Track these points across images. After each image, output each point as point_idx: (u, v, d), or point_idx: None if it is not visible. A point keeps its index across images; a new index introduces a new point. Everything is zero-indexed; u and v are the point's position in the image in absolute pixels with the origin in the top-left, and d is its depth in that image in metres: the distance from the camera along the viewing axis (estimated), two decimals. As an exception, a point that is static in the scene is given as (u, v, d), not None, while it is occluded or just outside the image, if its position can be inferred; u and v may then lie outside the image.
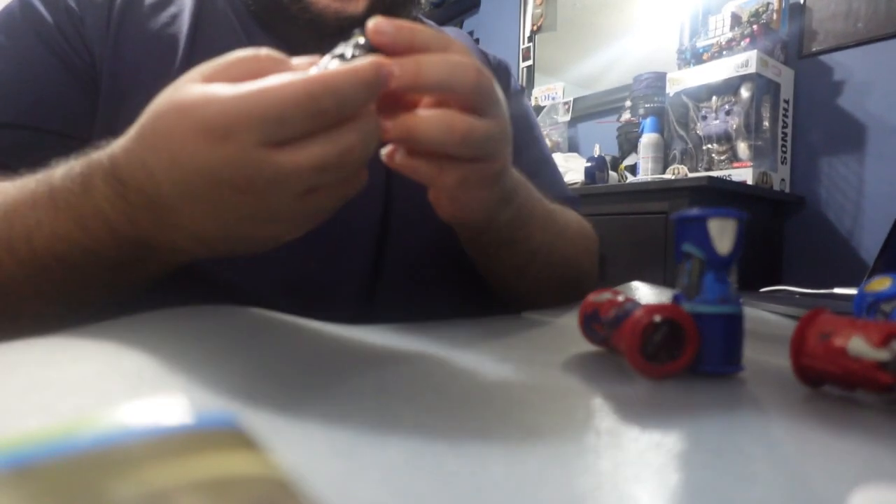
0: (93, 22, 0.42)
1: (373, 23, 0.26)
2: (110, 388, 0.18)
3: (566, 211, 0.55)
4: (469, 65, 0.27)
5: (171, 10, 0.45)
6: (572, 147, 2.12)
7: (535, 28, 2.34)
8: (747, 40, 1.57)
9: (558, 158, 1.68)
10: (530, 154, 0.62)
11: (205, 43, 0.45)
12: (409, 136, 0.27)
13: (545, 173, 0.61)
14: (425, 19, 0.61)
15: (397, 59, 0.26)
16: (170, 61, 0.43)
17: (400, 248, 0.46)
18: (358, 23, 0.45)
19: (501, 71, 0.63)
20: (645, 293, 0.55)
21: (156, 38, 0.44)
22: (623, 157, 1.81)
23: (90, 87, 0.42)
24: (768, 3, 1.56)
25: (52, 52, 0.41)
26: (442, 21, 2.37)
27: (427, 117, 0.27)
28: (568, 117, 2.15)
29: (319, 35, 0.46)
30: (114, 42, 0.42)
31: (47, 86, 0.41)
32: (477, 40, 2.34)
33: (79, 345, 0.23)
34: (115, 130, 0.42)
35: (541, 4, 2.31)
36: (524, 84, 2.34)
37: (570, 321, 0.39)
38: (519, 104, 0.63)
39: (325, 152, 0.24)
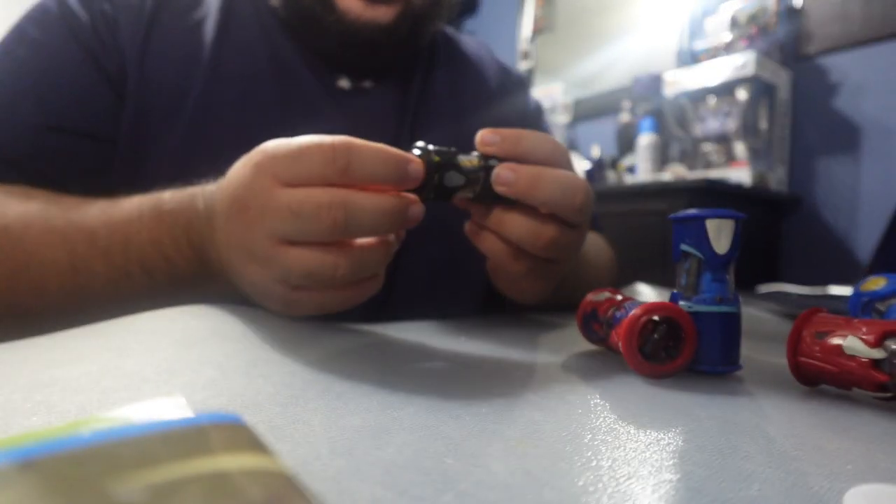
0: (126, 24, 0.42)
1: (480, 135, 0.29)
2: (112, 386, 0.18)
3: (600, 252, 0.55)
4: (579, 187, 0.30)
5: (198, 14, 0.45)
6: (571, 147, 2.12)
7: (534, 29, 2.34)
8: (745, 42, 1.58)
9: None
10: None
11: (230, 50, 0.45)
12: (499, 229, 0.30)
13: None
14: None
15: (514, 166, 0.28)
16: (195, 67, 0.43)
17: (414, 261, 0.46)
18: (387, 32, 0.45)
19: (519, 85, 0.63)
20: (647, 295, 0.56)
21: (183, 43, 0.44)
22: (621, 158, 1.82)
23: (119, 88, 0.42)
24: (765, 6, 1.57)
25: (86, 51, 0.41)
26: (440, 22, 2.36)
27: (519, 220, 0.29)
28: (567, 118, 2.15)
29: (349, 45, 0.46)
30: (143, 43, 0.42)
31: (79, 85, 0.41)
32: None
33: (81, 344, 0.23)
34: (141, 133, 0.42)
35: (541, 5, 2.32)
36: (523, 85, 2.34)
37: (569, 320, 0.40)
38: (538, 125, 0.63)
39: (313, 261, 0.25)
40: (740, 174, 1.45)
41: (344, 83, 0.49)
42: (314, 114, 0.47)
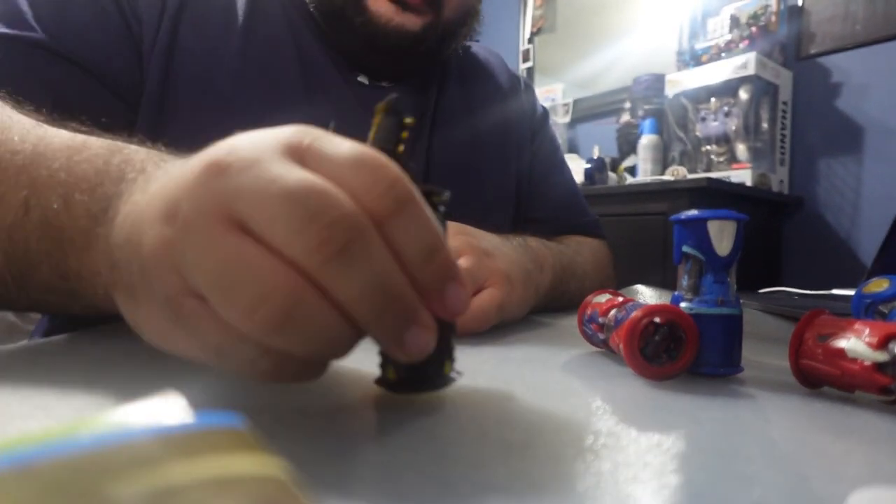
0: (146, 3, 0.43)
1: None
2: (111, 389, 0.18)
3: (581, 249, 0.56)
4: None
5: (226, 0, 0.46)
6: (572, 148, 2.12)
7: (534, 29, 2.34)
8: (746, 42, 1.58)
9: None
10: (555, 184, 0.63)
11: (257, 31, 0.46)
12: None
13: (567, 205, 0.62)
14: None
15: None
16: (225, 42, 0.44)
17: None
18: (414, 40, 0.45)
19: (528, 91, 0.64)
20: (648, 296, 0.55)
21: (215, 17, 0.44)
22: (622, 159, 1.82)
23: (138, 54, 0.41)
24: (767, 6, 1.57)
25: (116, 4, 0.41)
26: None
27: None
28: (567, 119, 2.15)
29: (373, 47, 0.46)
30: (172, 23, 0.42)
31: (108, 33, 0.40)
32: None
33: (80, 347, 0.23)
34: (167, 97, 0.42)
35: (541, 6, 2.32)
36: (523, 85, 2.35)
37: (570, 322, 0.40)
38: (545, 130, 0.65)
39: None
40: (741, 175, 1.44)
41: (363, 79, 0.50)
42: (334, 102, 0.48)
